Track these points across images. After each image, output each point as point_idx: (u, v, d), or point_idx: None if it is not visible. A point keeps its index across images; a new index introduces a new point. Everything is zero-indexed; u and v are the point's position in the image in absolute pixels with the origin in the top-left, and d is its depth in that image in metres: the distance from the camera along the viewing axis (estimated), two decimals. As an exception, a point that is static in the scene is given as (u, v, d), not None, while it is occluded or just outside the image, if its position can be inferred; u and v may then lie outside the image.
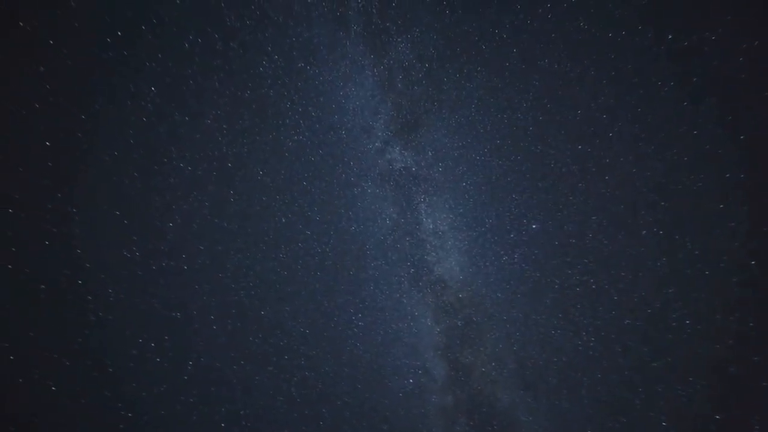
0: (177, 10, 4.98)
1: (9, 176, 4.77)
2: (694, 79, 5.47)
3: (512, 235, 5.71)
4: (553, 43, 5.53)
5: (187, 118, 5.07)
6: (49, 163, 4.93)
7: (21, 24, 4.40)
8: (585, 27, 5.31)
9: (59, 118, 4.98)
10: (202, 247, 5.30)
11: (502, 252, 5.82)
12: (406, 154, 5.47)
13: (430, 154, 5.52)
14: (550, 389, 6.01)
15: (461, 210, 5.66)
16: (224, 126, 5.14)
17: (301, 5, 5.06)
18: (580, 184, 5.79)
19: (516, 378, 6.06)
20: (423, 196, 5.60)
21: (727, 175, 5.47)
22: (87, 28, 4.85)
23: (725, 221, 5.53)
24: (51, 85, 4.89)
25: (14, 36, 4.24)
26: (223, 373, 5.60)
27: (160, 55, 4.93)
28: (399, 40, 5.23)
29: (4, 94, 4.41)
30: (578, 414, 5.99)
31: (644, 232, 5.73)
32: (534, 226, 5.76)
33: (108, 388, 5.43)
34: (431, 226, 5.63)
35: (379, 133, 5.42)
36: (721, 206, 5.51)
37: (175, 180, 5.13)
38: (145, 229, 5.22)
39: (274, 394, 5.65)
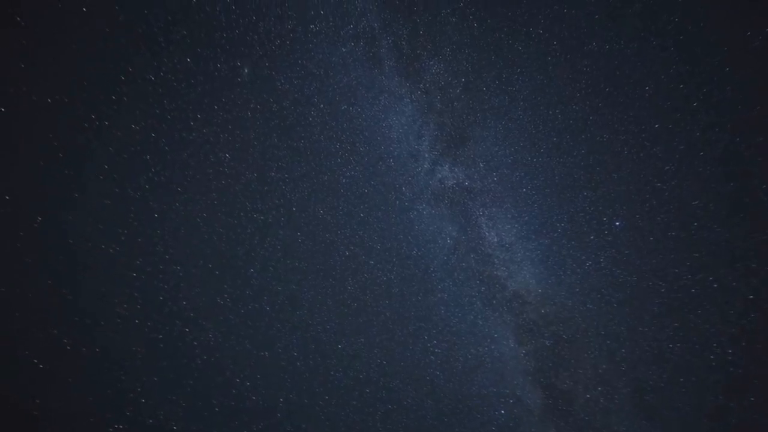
0: (239, 87, 5.31)
1: (130, 247, 5.27)
2: (798, 16, 4.07)
3: (592, 237, 4.62)
4: (599, 24, 4.65)
5: (255, 174, 5.23)
6: (158, 230, 5.39)
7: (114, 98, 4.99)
8: (635, -3, 4.37)
9: (164, 196, 5.46)
10: (279, 288, 5.24)
11: (583, 257, 4.72)
12: (456, 170, 4.91)
13: (481, 165, 4.87)
14: (684, 419, 4.43)
15: (526, 218, 4.79)
16: (286, 176, 5.19)
17: (338, 56, 5.06)
18: (667, 167, 4.54)
19: (633, 405, 4.63)
20: (481, 210, 4.89)
21: None
22: (176, 119, 5.37)
23: None
24: (155, 168, 5.44)
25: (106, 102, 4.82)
26: (312, 409, 5.26)
27: (230, 126, 5.24)
28: (431, 63, 4.88)
29: (112, 170, 4.96)
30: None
31: (773, 209, 4.17)
32: (617, 224, 4.59)
33: (216, 427, 5.42)
34: (496, 240, 4.83)
35: (426, 155, 4.98)
36: None
37: (251, 230, 5.24)
38: (233, 277, 5.35)
39: (361, 431, 5.08)
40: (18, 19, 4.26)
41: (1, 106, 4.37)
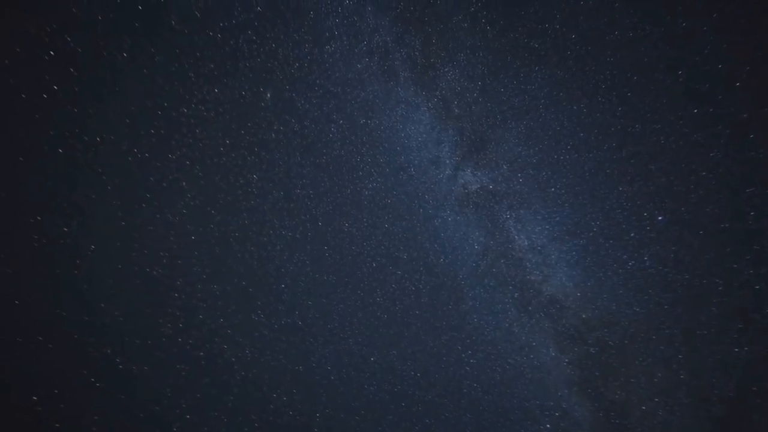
0: (263, 111, 5.56)
1: (172, 268, 5.55)
2: None
3: (633, 234, 4.29)
4: (619, 11, 4.45)
5: (282, 193, 5.40)
6: (195, 252, 5.66)
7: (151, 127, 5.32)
8: (656, -20, 4.15)
9: (199, 219, 5.75)
10: (310, 302, 5.30)
11: (625, 257, 4.39)
12: (479, 174, 4.79)
13: (505, 167, 4.72)
14: (760, 433, 3.91)
15: (557, 218, 4.55)
16: (310, 192, 5.32)
17: (354, 72, 5.18)
18: (712, 154, 4.18)
19: (697, 418, 4.15)
20: (509, 213, 4.71)
21: None
22: (207, 147, 5.68)
23: None
24: (191, 194, 5.75)
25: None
26: (348, 424, 5.19)
27: (256, 149, 5.47)
28: (446, 70, 4.86)
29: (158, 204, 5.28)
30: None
31: None
32: (660, 218, 4.25)
33: (256, 442, 5.48)
34: (526, 243, 4.62)
35: (447, 161, 4.92)
36: None
37: (280, 246, 5.38)
38: (265, 293, 5.48)
39: (399, 446, 4.94)
40: (71, 70, 4.73)
41: (59, 148, 4.83)
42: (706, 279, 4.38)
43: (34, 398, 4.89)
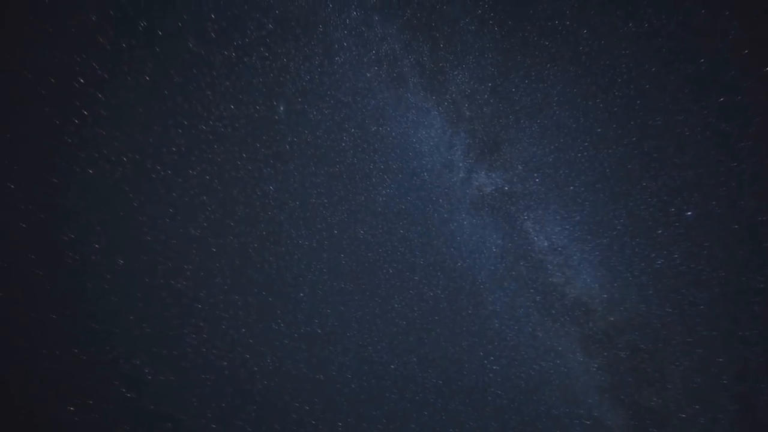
0: (277, 123, 5.68)
1: (195, 281, 5.69)
2: None
3: (660, 231, 4.09)
4: (633, 3, 4.30)
5: (297, 203, 5.47)
6: (217, 263, 5.78)
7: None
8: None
9: (220, 231, 5.88)
10: (329, 310, 5.31)
11: (653, 255, 4.18)
12: (494, 175, 4.71)
13: (520, 168, 4.62)
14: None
15: (578, 217, 4.39)
16: (325, 201, 5.37)
17: (364, 81, 5.23)
18: (741, 144, 3.93)
19: (744, 426, 3.85)
20: (526, 214, 4.59)
21: None
22: (225, 161, 5.84)
23: None
24: (211, 207, 5.91)
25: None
26: (371, 433, 5.11)
27: (271, 161, 5.59)
28: (455, 73, 4.84)
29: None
30: None
31: None
32: (689, 213, 4.03)
33: (280, 451, 5.49)
34: (546, 244, 4.48)
35: (461, 164, 4.86)
36: None
37: (298, 256, 5.43)
38: (284, 302, 5.53)
39: (423, 457, 4.82)
40: (99, 95, 4.99)
41: (89, 169, 5.08)
42: (745, 276, 4.10)
43: (71, 408, 5.08)
